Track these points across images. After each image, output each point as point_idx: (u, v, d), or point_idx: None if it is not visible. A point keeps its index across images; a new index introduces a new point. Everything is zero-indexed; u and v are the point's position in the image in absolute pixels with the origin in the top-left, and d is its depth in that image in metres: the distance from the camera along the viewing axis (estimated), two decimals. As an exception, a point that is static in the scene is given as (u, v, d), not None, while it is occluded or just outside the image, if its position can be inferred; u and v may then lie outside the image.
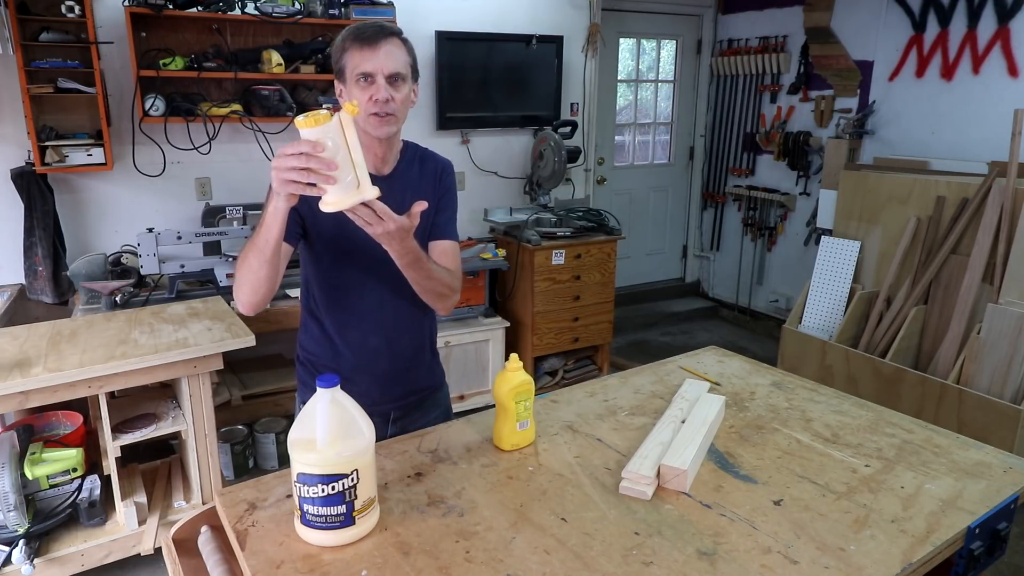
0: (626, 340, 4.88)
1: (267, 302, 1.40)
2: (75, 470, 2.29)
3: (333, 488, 1.05)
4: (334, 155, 1.10)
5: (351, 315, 1.55)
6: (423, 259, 1.39)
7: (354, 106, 1.15)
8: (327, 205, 1.13)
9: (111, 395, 2.40)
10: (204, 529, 1.26)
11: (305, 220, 1.47)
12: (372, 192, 1.15)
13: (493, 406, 1.42)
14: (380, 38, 1.40)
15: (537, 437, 1.43)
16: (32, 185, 2.92)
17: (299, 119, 1.09)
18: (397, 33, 1.44)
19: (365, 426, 1.10)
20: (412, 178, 1.56)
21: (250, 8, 3.17)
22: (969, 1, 3.71)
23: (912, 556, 1.07)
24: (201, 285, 3.02)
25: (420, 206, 1.29)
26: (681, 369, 1.81)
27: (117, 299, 2.76)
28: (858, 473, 1.31)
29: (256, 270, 1.31)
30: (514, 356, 1.39)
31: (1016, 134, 2.98)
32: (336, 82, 1.49)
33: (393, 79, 1.40)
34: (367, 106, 1.40)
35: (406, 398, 1.64)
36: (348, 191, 1.13)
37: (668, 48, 5.28)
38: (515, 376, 1.37)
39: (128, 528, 2.35)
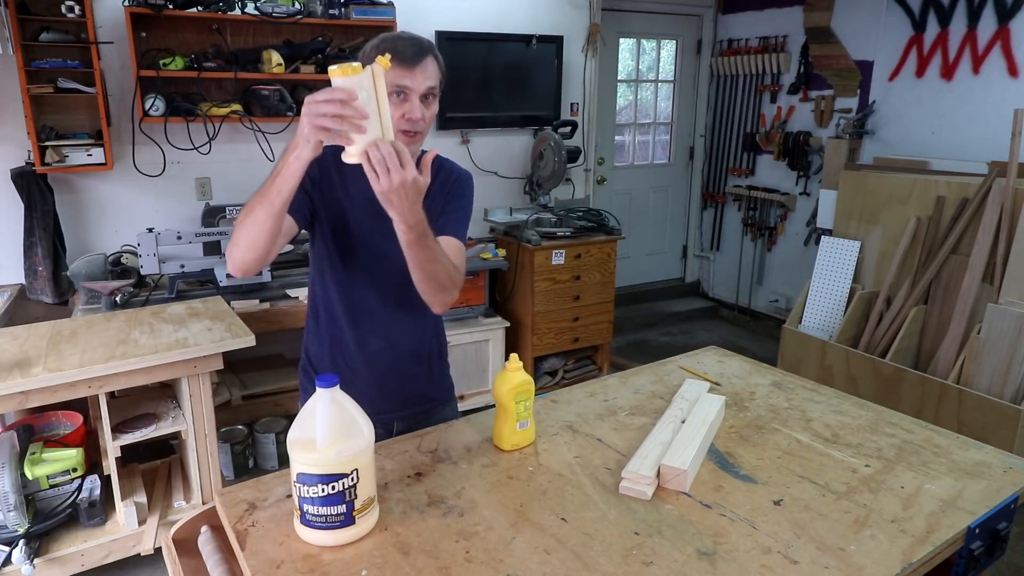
0: (626, 340, 4.88)
1: (259, 265, 1.35)
2: (75, 470, 2.29)
3: (333, 488, 1.05)
4: (365, 105, 1.10)
5: (352, 313, 1.54)
6: (430, 236, 1.31)
7: (386, 60, 1.14)
8: (351, 156, 1.13)
9: (111, 395, 2.40)
10: (204, 529, 1.26)
11: (315, 206, 1.48)
12: (397, 147, 1.14)
13: (493, 406, 1.42)
14: (419, 58, 1.38)
15: (537, 437, 1.43)
16: (32, 185, 2.92)
17: (333, 68, 1.09)
18: (433, 51, 1.43)
19: (365, 426, 1.10)
20: (428, 187, 1.55)
21: (250, 8, 3.17)
22: (969, 1, 3.71)
23: (912, 556, 1.07)
24: (201, 285, 3.02)
25: (432, 155, 1.27)
26: (681, 369, 1.81)
27: (117, 299, 2.76)
28: (858, 473, 1.31)
29: (261, 222, 1.26)
30: (514, 356, 1.39)
31: (1016, 134, 2.98)
32: None
33: (426, 97, 1.40)
34: (398, 122, 1.38)
35: (409, 407, 1.61)
36: (373, 140, 1.12)
37: (668, 48, 5.28)
38: (515, 376, 1.37)
39: (128, 528, 2.35)
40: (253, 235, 1.28)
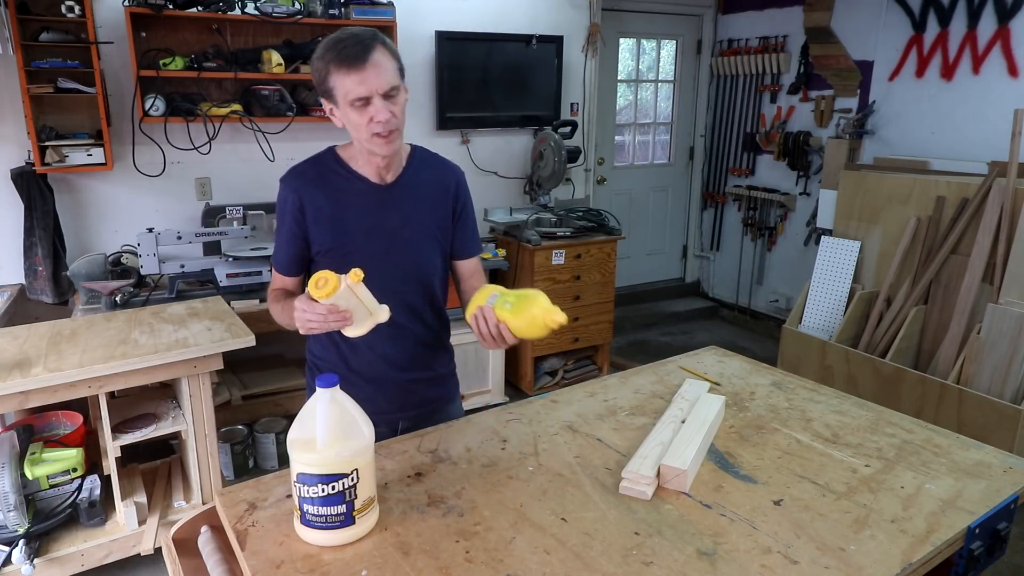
0: (626, 340, 4.88)
1: None
2: (75, 470, 2.29)
3: (333, 488, 1.05)
4: (347, 306, 1.26)
5: None
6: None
7: (359, 275, 1.24)
8: (347, 332, 1.31)
9: (111, 395, 2.40)
10: (204, 529, 1.27)
11: (309, 235, 1.49)
12: (384, 315, 1.32)
13: (493, 406, 1.42)
14: (365, 55, 1.31)
15: (537, 437, 1.43)
16: (32, 185, 2.92)
17: (313, 289, 1.23)
18: (378, 39, 1.34)
19: (365, 426, 1.10)
20: (421, 185, 1.54)
21: (250, 8, 3.17)
22: (969, 1, 3.70)
23: (912, 556, 1.07)
24: (201, 285, 3.02)
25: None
26: (681, 369, 1.81)
27: (117, 299, 2.76)
28: (858, 473, 1.31)
29: (287, 325, 1.44)
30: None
31: (1016, 134, 2.98)
32: (324, 102, 1.40)
33: (388, 94, 1.35)
34: (368, 127, 1.35)
35: (415, 408, 1.61)
36: (363, 322, 1.31)
37: (668, 48, 5.28)
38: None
39: (128, 528, 2.35)
40: (286, 325, 1.46)
